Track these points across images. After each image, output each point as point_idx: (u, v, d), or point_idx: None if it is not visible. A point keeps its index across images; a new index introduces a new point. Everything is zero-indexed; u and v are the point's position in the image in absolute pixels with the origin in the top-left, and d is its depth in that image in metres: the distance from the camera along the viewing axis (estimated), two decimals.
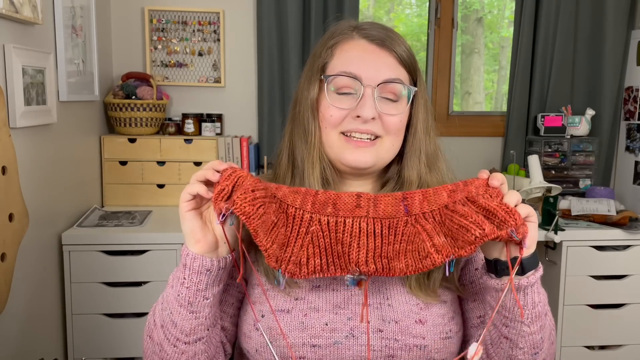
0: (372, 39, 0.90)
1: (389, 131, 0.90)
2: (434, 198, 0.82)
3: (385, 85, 0.89)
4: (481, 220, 0.75)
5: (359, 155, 0.90)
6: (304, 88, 0.94)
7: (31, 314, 1.76)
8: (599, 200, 2.36)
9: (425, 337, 0.87)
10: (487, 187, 0.80)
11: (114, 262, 2.01)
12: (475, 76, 3.23)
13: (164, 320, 0.84)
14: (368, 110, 0.87)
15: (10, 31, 1.60)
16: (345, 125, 0.89)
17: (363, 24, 0.93)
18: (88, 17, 2.23)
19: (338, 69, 0.90)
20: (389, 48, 0.90)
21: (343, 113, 0.89)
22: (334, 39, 0.93)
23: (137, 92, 2.44)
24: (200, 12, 2.61)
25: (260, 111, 2.65)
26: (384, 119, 0.89)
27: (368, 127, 0.88)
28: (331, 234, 0.81)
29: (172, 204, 2.47)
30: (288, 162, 0.96)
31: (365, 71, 0.88)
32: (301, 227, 0.82)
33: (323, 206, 0.83)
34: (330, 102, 0.89)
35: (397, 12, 3.18)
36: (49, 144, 1.89)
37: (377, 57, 0.90)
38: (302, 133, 0.93)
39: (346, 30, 0.93)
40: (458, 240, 0.76)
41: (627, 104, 2.70)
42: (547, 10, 2.63)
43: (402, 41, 0.93)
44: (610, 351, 2.32)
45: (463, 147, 2.79)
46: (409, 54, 0.92)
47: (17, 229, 1.52)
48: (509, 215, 0.74)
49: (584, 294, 2.25)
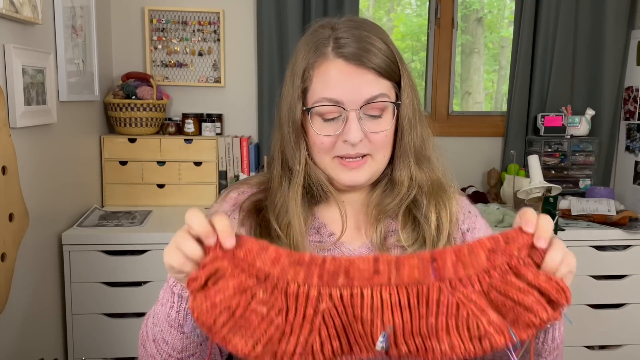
0: (348, 59, 0.87)
1: (377, 147, 0.91)
2: (470, 260, 0.67)
3: (368, 105, 0.88)
4: (539, 298, 0.64)
5: (354, 176, 0.91)
6: (286, 103, 0.93)
7: (31, 314, 1.76)
8: (599, 200, 2.36)
9: None
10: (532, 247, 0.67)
11: (114, 262, 2.01)
12: (475, 76, 3.23)
13: (155, 336, 0.85)
14: (354, 134, 0.87)
15: (10, 31, 1.60)
16: (338, 151, 0.90)
17: (340, 32, 0.90)
18: (88, 17, 2.23)
19: (318, 95, 0.88)
20: (367, 66, 0.87)
21: (332, 139, 0.89)
22: (311, 59, 0.90)
23: (137, 92, 2.44)
24: (200, 12, 2.61)
25: (260, 111, 2.65)
26: (370, 137, 0.89)
27: (357, 151, 0.89)
28: (347, 309, 0.66)
29: (172, 204, 2.47)
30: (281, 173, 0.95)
31: (346, 95, 0.87)
32: (308, 308, 0.66)
33: (333, 277, 0.67)
34: (317, 131, 0.90)
35: (397, 12, 3.18)
36: (49, 144, 1.89)
37: (355, 77, 0.87)
38: (292, 154, 0.93)
39: (321, 47, 0.90)
40: (512, 319, 0.65)
41: (627, 104, 2.70)
42: (547, 10, 2.63)
43: (379, 46, 0.88)
44: (610, 351, 2.32)
45: (463, 147, 2.79)
46: (388, 60, 0.89)
47: (17, 229, 1.52)
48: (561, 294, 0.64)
49: (584, 294, 2.25)
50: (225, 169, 2.53)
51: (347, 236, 0.96)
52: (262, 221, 0.93)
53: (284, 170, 0.95)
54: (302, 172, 0.92)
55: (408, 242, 0.93)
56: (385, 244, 0.94)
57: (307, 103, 0.90)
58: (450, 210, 0.96)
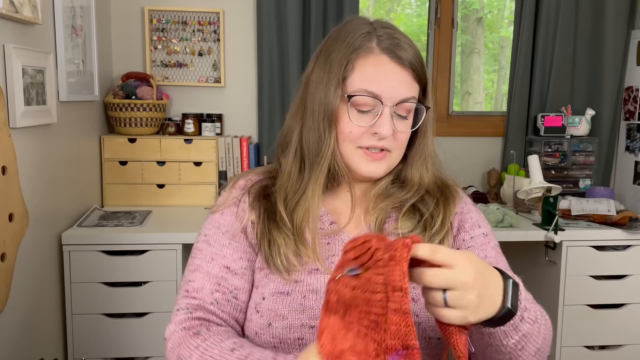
0: (392, 56, 0.91)
1: (398, 145, 0.96)
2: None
3: (402, 104, 0.92)
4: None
5: (373, 167, 0.95)
6: (319, 90, 0.94)
7: (31, 314, 1.76)
8: (599, 200, 2.36)
9: (419, 314, 0.89)
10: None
11: (114, 262, 2.01)
12: (475, 76, 3.23)
13: None
14: (386, 129, 0.91)
15: (10, 31, 1.60)
16: (364, 142, 0.93)
17: (380, 30, 0.93)
18: (88, 17, 2.23)
19: (358, 86, 0.91)
20: (407, 66, 0.92)
21: (363, 129, 0.92)
22: (355, 50, 0.92)
23: (137, 92, 2.44)
24: (200, 12, 2.61)
25: (260, 111, 2.65)
26: (395, 135, 0.94)
27: (383, 144, 0.93)
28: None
29: (172, 204, 2.47)
30: (294, 160, 0.97)
31: (385, 90, 0.91)
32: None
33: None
34: (352, 120, 0.92)
35: (397, 12, 3.18)
36: (49, 144, 1.89)
37: (395, 75, 0.92)
38: (317, 140, 0.94)
39: (365, 40, 0.92)
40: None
41: (627, 104, 2.70)
42: (547, 10, 2.63)
43: (415, 50, 0.94)
44: (610, 351, 2.32)
45: (463, 147, 2.79)
46: (421, 65, 0.94)
47: (17, 229, 1.52)
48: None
49: (584, 294, 2.24)
50: (225, 169, 2.53)
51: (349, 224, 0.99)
52: (269, 206, 0.96)
53: (301, 157, 0.97)
54: (329, 158, 0.94)
55: (404, 230, 0.96)
56: (383, 231, 0.97)
57: (345, 91, 0.93)
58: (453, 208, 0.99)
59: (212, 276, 0.93)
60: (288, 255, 0.91)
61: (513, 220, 2.21)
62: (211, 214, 1.00)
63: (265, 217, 0.95)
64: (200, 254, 0.96)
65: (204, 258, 0.95)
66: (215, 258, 0.95)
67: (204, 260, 0.95)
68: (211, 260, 0.95)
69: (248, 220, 0.96)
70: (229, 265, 0.94)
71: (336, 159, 0.94)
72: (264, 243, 0.94)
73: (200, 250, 0.97)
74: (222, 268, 0.94)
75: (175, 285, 2.03)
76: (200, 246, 0.97)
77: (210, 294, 0.92)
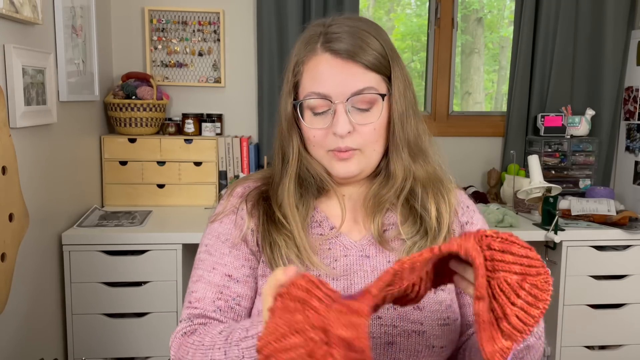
0: (335, 54, 0.89)
1: (367, 141, 0.92)
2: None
3: (356, 97, 0.89)
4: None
5: (345, 167, 0.93)
6: (282, 99, 0.98)
7: (31, 314, 1.76)
8: (599, 200, 2.36)
9: (423, 322, 0.89)
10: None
11: (114, 262, 2.01)
12: (475, 76, 3.23)
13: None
14: (342, 127, 0.89)
15: (10, 31, 1.60)
16: (330, 144, 0.92)
17: (332, 29, 0.91)
18: (88, 17, 2.23)
19: (307, 89, 0.91)
20: (354, 59, 0.89)
21: (323, 132, 0.92)
22: (303, 55, 0.93)
23: (137, 92, 2.44)
24: (200, 12, 2.61)
25: (260, 111, 2.65)
26: (359, 130, 0.91)
27: (347, 144, 0.90)
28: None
29: (172, 204, 2.47)
30: (278, 166, 1.00)
31: (333, 88, 0.89)
32: None
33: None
34: (308, 125, 0.92)
35: (397, 12, 3.18)
36: (49, 144, 1.89)
37: (341, 70, 0.89)
38: (286, 147, 0.97)
39: (311, 43, 0.92)
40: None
41: (627, 104, 2.70)
42: (547, 10, 2.63)
43: (368, 40, 0.90)
44: (610, 351, 2.32)
45: (463, 147, 2.79)
46: (376, 54, 0.90)
47: (17, 229, 1.52)
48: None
49: (584, 294, 2.25)
50: (225, 169, 2.53)
51: (346, 227, 0.98)
52: (268, 210, 0.97)
53: (283, 163, 0.99)
54: (295, 163, 0.95)
55: (408, 235, 0.94)
56: (384, 236, 0.96)
57: (298, 97, 0.94)
58: (449, 202, 0.97)
59: (213, 285, 0.94)
60: (290, 257, 0.91)
61: (513, 220, 2.21)
62: (210, 223, 1.01)
63: (266, 220, 0.96)
64: (202, 265, 0.97)
65: (206, 268, 0.96)
66: (216, 267, 0.95)
67: (205, 270, 0.96)
68: (212, 270, 0.95)
69: (248, 228, 0.96)
70: (230, 274, 0.94)
71: (306, 165, 0.95)
72: (266, 246, 0.94)
73: (202, 261, 0.97)
74: (224, 277, 0.94)
75: (175, 285, 2.03)
76: (202, 257, 0.98)
77: (212, 302, 0.92)
